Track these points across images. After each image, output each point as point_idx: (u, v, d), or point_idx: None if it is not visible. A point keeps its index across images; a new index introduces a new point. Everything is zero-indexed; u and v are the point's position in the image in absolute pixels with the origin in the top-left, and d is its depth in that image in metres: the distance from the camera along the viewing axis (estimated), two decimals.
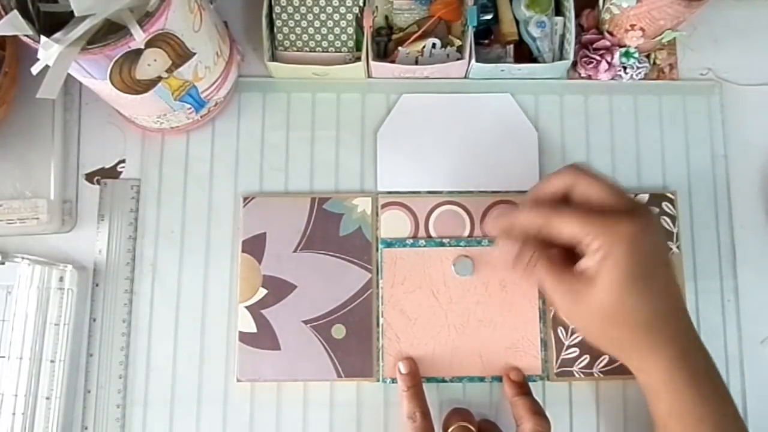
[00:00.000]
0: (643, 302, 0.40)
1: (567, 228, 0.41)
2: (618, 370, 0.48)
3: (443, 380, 0.48)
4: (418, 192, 0.51)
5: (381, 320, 0.49)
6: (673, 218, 0.51)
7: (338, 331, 0.49)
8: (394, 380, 0.48)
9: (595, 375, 0.48)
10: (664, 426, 0.42)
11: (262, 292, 0.49)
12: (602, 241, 0.40)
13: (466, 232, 0.50)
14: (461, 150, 0.52)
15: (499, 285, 0.49)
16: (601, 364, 0.49)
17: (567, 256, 0.43)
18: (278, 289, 0.49)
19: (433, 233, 0.50)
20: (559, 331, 0.49)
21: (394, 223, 0.50)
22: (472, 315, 0.49)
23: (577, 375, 0.48)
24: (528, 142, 0.52)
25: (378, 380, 0.48)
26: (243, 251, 0.50)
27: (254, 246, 0.50)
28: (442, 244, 0.50)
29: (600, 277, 0.40)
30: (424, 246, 0.50)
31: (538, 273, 0.44)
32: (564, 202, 0.43)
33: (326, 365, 0.48)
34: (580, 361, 0.49)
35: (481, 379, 0.48)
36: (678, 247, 0.50)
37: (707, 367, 0.42)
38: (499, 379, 0.48)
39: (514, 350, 0.48)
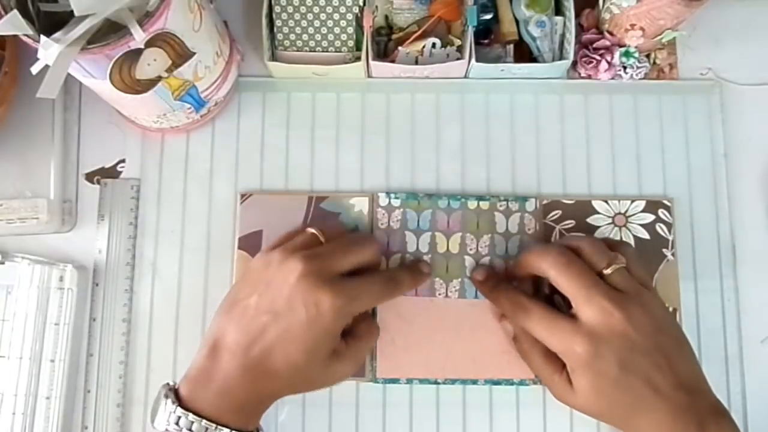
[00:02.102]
0: (617, 404, 0.41)
1: (535, 332, 0.43)
2: None
3: (436, 382, 0.48)
4: (416, 192, 0.51)
5: (376, 321, 0.48)
6: (669, 225, 0.50)
7: None
8: (388, 380, 0.48)
9: None
10: None
11: None
12: (564, 356, 0.42)
13: None
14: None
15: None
16: None
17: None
18: None
19: None
20: None
21: None
22: (467, 318, 0.49)
23: None
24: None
25: (370, 380, 0.48)
26: (239, 248, 0.50)
27: (250, 243, 0.50)
28: None
29: (574, 384, 0.42)
30: None
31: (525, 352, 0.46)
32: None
33: None
34: None
35: (474, 382, 0.48)
36: (673, 255, 0.50)
37: None
38: (493, 381, 0.48)
39: (508, 354, 0.48)
